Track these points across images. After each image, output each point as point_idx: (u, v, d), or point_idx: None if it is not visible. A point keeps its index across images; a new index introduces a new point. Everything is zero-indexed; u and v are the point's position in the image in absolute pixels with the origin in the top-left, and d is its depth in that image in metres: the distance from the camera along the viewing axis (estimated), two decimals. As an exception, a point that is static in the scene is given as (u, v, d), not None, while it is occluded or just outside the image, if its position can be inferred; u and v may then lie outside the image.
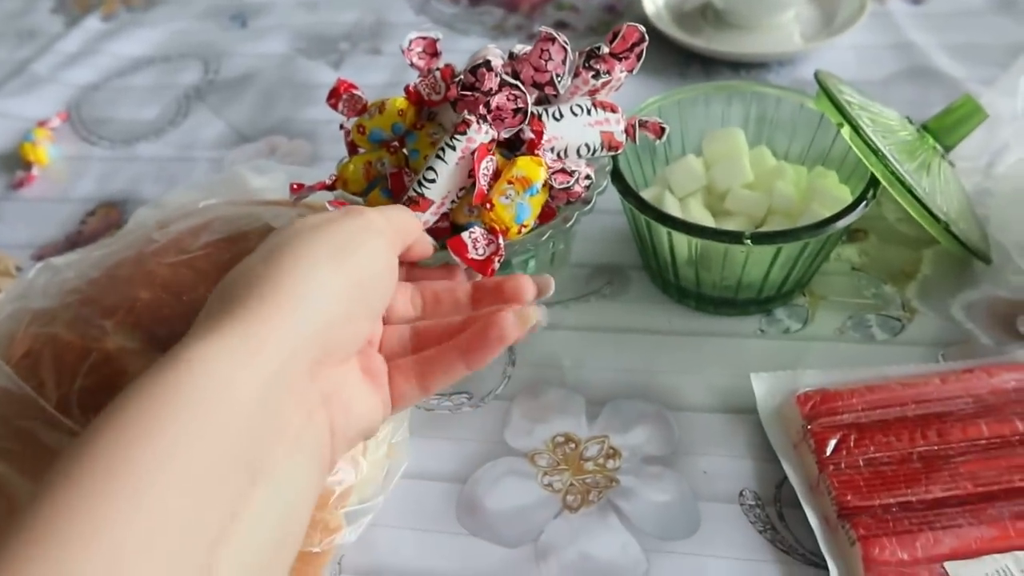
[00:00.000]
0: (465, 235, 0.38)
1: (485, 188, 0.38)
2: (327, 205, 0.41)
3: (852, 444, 0.41)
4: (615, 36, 0.41)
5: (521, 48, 0.43)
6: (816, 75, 0.49)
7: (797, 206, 0.49)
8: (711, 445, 0.44)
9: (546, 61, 0.40)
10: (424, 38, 0.43)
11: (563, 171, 0.40)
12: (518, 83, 0.39)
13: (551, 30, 0.40)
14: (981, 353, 0.46)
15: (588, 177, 0.42)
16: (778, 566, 0.39)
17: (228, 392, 0.26)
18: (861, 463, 0.40)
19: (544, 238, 0.42)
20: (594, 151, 0.42)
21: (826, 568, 0.38)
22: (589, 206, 0.43)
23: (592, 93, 0.42)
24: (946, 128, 0.49)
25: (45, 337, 0.44)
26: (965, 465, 0.39)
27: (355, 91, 0.43)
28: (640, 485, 0.42)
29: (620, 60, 0.42)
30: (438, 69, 0.43)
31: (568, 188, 0.40)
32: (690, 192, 0.51)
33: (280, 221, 0.49)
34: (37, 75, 0.78)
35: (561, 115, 0.41)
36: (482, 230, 0.39)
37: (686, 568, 0.39)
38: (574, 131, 0.41)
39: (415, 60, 0.43)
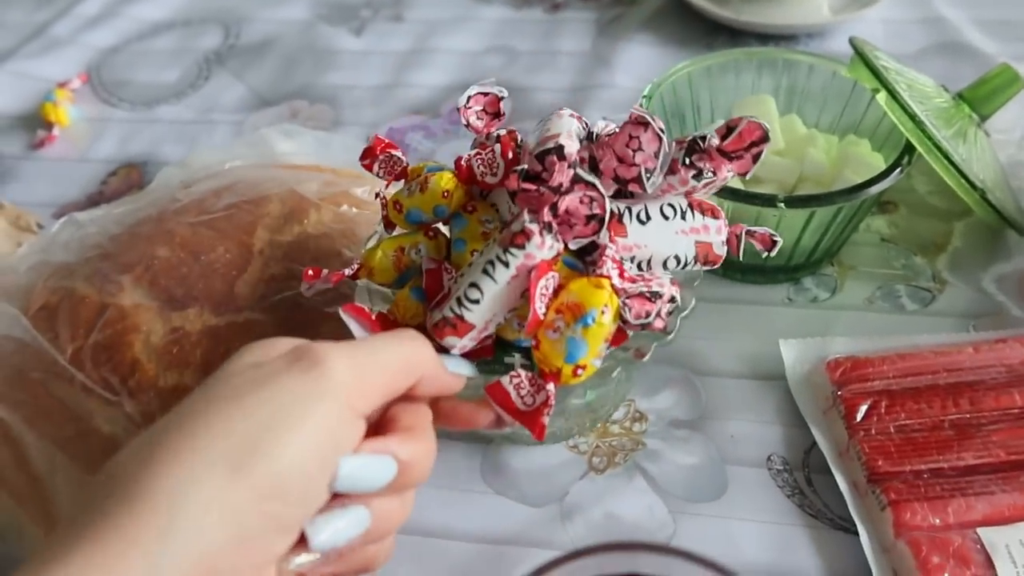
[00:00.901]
0: (506, 380, 0.31)
1: (541, 314, 0.30)
2: (340, 312, 0.33)
3: (883, 411, 0.40)
4: (729, 131, 0.33)
5: (604, 126, 0.35)
6: (851, 41, 0.48)
7: (829, 173, 0.48)
8: (738, 410, 0.43)
9: (634, 151, 0.32)
10: (486, 94, 0.36)
11: (642, 296, 0.32)
12: (595, 181, 0.31)
13: (645, 112, 0.32)
14: (1012, 325, 0.46)
15: (672, 300, 0.33)
16: (806, 530, 0.38)
17: None
18: (892, 429, 0.40)
19: (608, 375, 0.35)
20: (685, 264, 0.34)
21: (855, 533, 0.37)
22: (671, 336, 0.34)
23: (688, 194, 0.34)
24: (982, 97, 0.48)
25: (63, 291, 0.44)
26: (997, 433, 0.39)
27: (394, 152, 0.37)
28: (667, 448, 0.42)
29: (731, 160, 0.33)
30: (498, 137, 0.36)
31: (648, 324, 0.32)
32: (719, 158, 0.51)
33: (305, 186, 0.49)
34: (57, 37, 0.78)
35: (648, 217, 0.33)
36: (528, 373, 0.31)
37: (713, 530, 0.39)
38: (663, 239, 0.34)
39: (472, 121, 0.36)
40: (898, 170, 0.44)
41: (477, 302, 0.31)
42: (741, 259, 0.36)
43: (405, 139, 0.63)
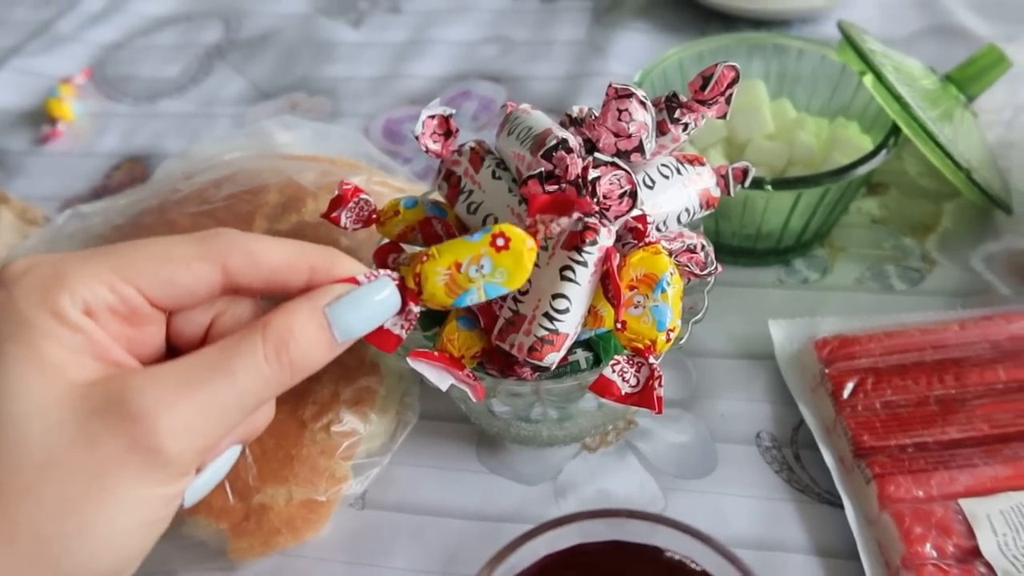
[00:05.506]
0: (609, 372, 0.31)
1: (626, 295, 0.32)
2: (410, 362, 0.32)
3: (869, 388, 0.41)
4: (705, 80, 0.34)
5: (581, 110, 0.36)
6: (839, 24, 0.49)
7: (818, 156, 0.49)
8: (728, 389, 0.44)
9: (627, 123, 0.33)
10: (433, 116, 0.36)
11: (687, 251, 0.35)
12: (614, 160, 0.32)
13: (625, 84, 0.33)
14: (1000, 303, 0.47)
15: (703, 247, 0.36)
16: (794, 504, 0.39)
17: None
18: (878, 406, 0.40)
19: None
20: (693, 214, 0.37)
21: (841, 506, 0.38)
22: (683, 340, 0.35)
23: (662, 148, 0.36)
24: (969, 77, 0.49)
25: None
26: (981, 408, 0.40)
27: (363, 195, 0.36)
28: (658, 427, 0.43)
29: (710, 106, 0.35)
30: (469, 149, 0.36)
31: (712, 271, 0.36)
32: (710, 143, 0.51)
33: (303, 176, 0.50)
34: (61, 34, 0.79)
35: (652, 182, 0.35)
36: (625, 356, 0.31)
37: (703, 505, 0.40)
38: (672, 197, 0.36)
39: (431, 145, 0.36)
40: (883, 151, 0.44)
41: (567, 311, 0.31)
42: (732, 195, 0.38)
43: (402, 130, 0.64)
